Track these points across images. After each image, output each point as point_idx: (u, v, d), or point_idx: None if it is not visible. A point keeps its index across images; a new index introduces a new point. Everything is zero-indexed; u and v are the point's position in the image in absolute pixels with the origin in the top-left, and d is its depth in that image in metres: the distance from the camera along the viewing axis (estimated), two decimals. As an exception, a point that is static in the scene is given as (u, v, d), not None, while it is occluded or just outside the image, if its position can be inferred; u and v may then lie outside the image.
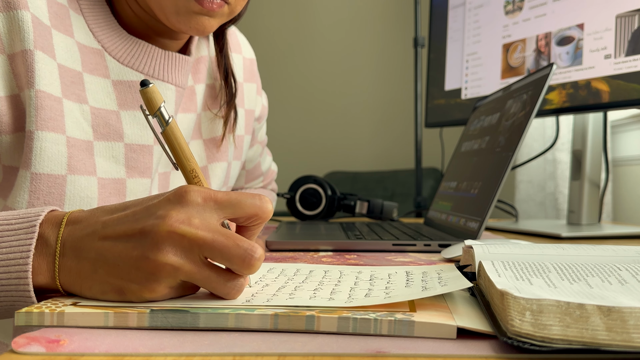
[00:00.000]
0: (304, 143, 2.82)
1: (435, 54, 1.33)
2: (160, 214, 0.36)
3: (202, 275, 0.36)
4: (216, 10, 0.59)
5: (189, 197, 0.36)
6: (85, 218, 0.39)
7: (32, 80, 0.54)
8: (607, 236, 0.90)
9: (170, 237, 0.35)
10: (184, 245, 0.35)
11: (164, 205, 0.36)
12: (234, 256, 0.35)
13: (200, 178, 0.41)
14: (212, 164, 0.76)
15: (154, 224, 0.35)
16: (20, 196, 0.55)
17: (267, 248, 0.69)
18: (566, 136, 1.64)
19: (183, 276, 0.36)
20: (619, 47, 0.90)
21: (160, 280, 0.35)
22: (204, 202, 0.37)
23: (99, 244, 0.37)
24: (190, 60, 0.69)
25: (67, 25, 0.59)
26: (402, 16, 2.74)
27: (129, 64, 0.63)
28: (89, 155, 0.59)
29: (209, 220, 0.36)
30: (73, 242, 0.38)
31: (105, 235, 0.37)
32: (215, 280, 0.36)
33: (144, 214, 0.37)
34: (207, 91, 0.75)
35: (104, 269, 0.36)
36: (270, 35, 2.82)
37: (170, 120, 0.41)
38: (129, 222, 0.37)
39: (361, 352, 0.29)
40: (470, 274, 0.43)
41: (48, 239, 0.38)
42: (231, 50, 0.82)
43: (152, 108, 0.40)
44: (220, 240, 0.35)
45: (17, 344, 0.30)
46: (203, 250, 0.35)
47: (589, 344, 0.27)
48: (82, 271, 0.37)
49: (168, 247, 0.35)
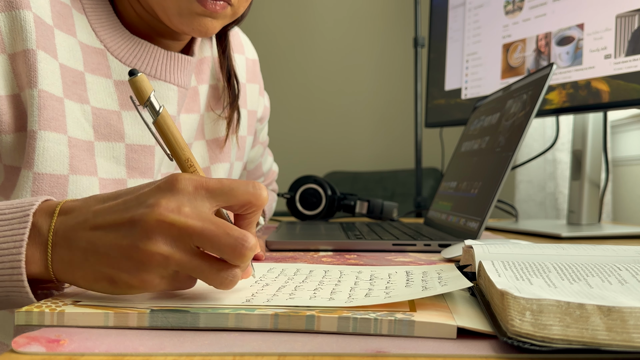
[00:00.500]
0: (304, 143, 2.82)
1: (435, 54, 1.33)
2: (150, 203, 0.35)
3: (194, 265, 0.35)
4: (219, 12, 0.59)
5: (180, 185, 0.36)
6: (78, 207, 0.39)
7: (34, 79, 0.54)
8: (607, 236, 0.90)
9: (159, 226, 0.35)
10: (174, 234, 0.35)
11: (154, 193, 0.36)
12: (225, 245, 0.35)
13: (195, 167, 0.40)
14: (214, 165, 0.76)
15: (144, 212, 0.35)
16: (22, 196, 0.55)
17: (267, 248, 0.69)
18: (566, 136, 1.64)
19: (174, 266, 0.35)
20: (619, 47, 0.90)
21: (151, 270, 0.35)
22: (195, 190, 0.36)
23: (89, 234, 0.37)
24: (193, 61, 0.69)
25: (70, 25, 0.59)
26: (402, 16, 2.74)
27: (131, 64, 0.63)
28: (90, 156, 0.59)
29: (200, 208, 0.36)
30: (65, 231, 0.38)
31: (96, 224, 0.37)
32: (207, 270, 0.36)
33: (134, 202, 0.36)
34: (210, 92, 0.75)
35: (94, 258, 0.36)
36: (270, 35, 2.82)
37: (162, 109, 0.40)
38: (119, 211, 0.36)
39: (361, 352, 0.29)
40: (470, 273, 0.43)
41: (41, 229, 0.38)
42: (234, 50, 0.82)
43: (142, 98, 0.40)
44: (211, 229, 0.35)
45: (17, 344, 0.30)
46: (193, 239, 0.35)
47: (589, 343, 0.27)
48: (74, 260, 0.37)
49: (158, 236, 0.35)
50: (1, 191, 0.57)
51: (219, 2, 0.58)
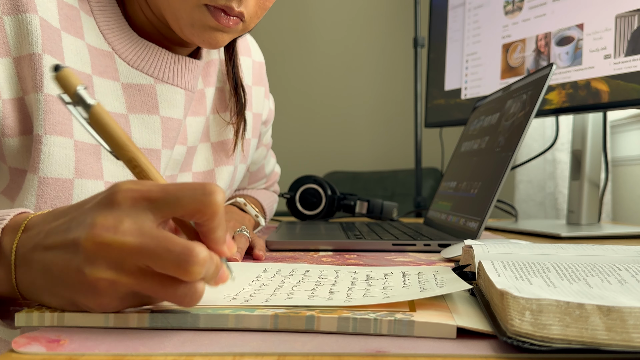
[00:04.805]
0: (304, 143, 2.82)
1: (435, 54, 1.33)
2: (87, 223, 0.33)
3: (144, 287, 0.32)
4: (232, 27, 0.58)
5: (118, 198, 0.33)
6: (37, 224, 0.36)
7: (40, 84, 0.53)
8: (607, 236, 0.90)
9: (98, 249, 0.32)
10: (114, 257, 0.32)
11: (92, 211, 0.33)
12: (166, 262, 0.31)
13: (142, 167, 0.37)
14: (219, 167, 0.76)
15: (81, 235, 0.32)
16: (27, 199, 0.54)
17: (267, 248, 0.69)
18: (566, 136, 1.64)
19: (124, 289, 0.32)
20: (619, 47, 0.90)
21: (104, 294, 0.32)
22: (134, 202, 0.33)
23: (42, 255, 0.34)
24: (200, 64, 0.69)
25: (78, 27, 0.58)
26: (402, 16, 2.74)
27: (138, 67, 0.62)
28: (96, 159, 0.59)
29: (142, 223, 0.32)
30: (23, 252, 0.36)
31: (47, 245, 0.34)
32: (160, 289, 0.32)
33: (75, 222, 0.34)
34: (217, 94, 0.75)
35: (52, 280, 0.34)
36: (270, 35, 2.82)
37: (94, 104, 0.36)
38: (62, 232, 0.34)
39: (361, 352, 0.29)
40: (470, 273, 0.43)
41: (5, 248, 0.36)
42: (241, 53, 0.82)
43: (70, 94, 0.36)
44: (149, 247, 0.31)
45: (17, 344, 0.30)
46: (134, 258, 0.32)
47: (589, 343, 0.27)
48: (36, 283, 0.35)
49: (99, 261, 0.32)
50: (7, 193, 0.57)
51: (232, 17, 0.58)
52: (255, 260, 0.61)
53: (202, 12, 0.57)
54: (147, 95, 0.63)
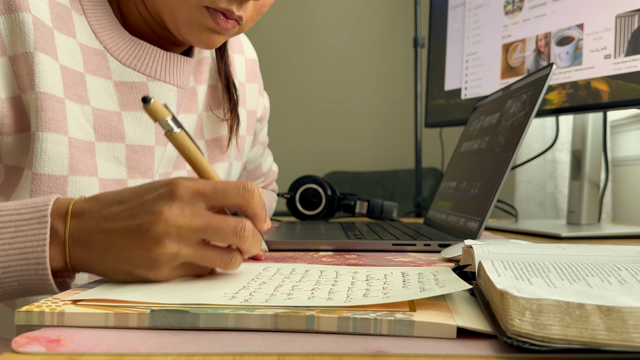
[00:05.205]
0: (304, 143, 2.82)
1: (435, 54, 1.33)
2: (154, 211, 0.41)
3: (200, 255, 0.42)
4: (229, 30, 0.59)
5: (179, 192, 0.41)
6: (88, 211, 0.43)
7: (33, 82, 0.54)
8: (607, 236, 0.90)
9: (166, 230, 0.40)
10: (181, 234, 0.41)
11: (157, 201, 0.41)
12: (227, 232, 0.42)
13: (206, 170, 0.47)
14: (213, 164, 0.76)
15: (151, 220, 0.40)
16: (21, 196, 0.55)
17: (267, 248, 0.68)
18: (566, 136, 1.64)
19: (182, 259, 0.41)
20: (619, 47, 0.90)
21: (163, 265, 0.41)
22: (192, 195, 0.42)
23: (103, 237, 0.42)
24: (191, 62, 0.69)
25: (70, 27, 0.59)
26: (402, 16, 2.74)
27: (130, 64, 0.63)
28: (90, 156, 0.59)
29: (198, 209, 0.42)
30: (80, 234, 0.42)
31: (107, 229, 0.42)
32: (212, 256, 0.43)
33: (140, 210, 0.41)
34: (209, 92, 0.75)
35: (111, 257, 0.41)
36: (269, 35, 2.82)
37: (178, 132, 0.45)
38: (127, 218, 0.41)
39: (361, 352, 0.29)
40: (470, 273, 0.43)
41: (57, 230, 0.43)
42: (234, 51, 0.82)
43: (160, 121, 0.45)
44: (212, 223, 0.41)
45: (17, 344, 0.30)
46: (199, 234, 0.41)
47: (589, 343, 0.27)
48: (92, 259, 0.42)
49: (166, 240, 0.40)
50: (1, 191, 0.57)
51: (231, 20, 0.58)
52: (255, 260, 0.61)
53: (202, 13, 0.57)
54: (140, 93, 0.63)
